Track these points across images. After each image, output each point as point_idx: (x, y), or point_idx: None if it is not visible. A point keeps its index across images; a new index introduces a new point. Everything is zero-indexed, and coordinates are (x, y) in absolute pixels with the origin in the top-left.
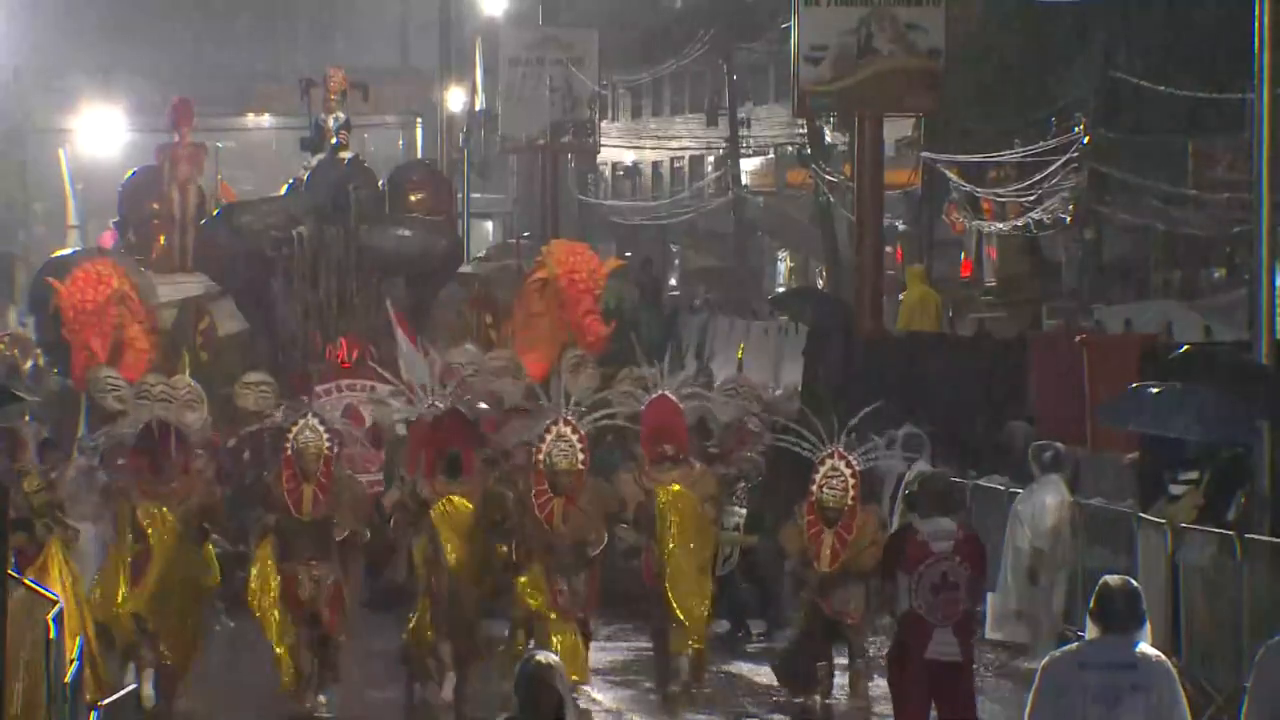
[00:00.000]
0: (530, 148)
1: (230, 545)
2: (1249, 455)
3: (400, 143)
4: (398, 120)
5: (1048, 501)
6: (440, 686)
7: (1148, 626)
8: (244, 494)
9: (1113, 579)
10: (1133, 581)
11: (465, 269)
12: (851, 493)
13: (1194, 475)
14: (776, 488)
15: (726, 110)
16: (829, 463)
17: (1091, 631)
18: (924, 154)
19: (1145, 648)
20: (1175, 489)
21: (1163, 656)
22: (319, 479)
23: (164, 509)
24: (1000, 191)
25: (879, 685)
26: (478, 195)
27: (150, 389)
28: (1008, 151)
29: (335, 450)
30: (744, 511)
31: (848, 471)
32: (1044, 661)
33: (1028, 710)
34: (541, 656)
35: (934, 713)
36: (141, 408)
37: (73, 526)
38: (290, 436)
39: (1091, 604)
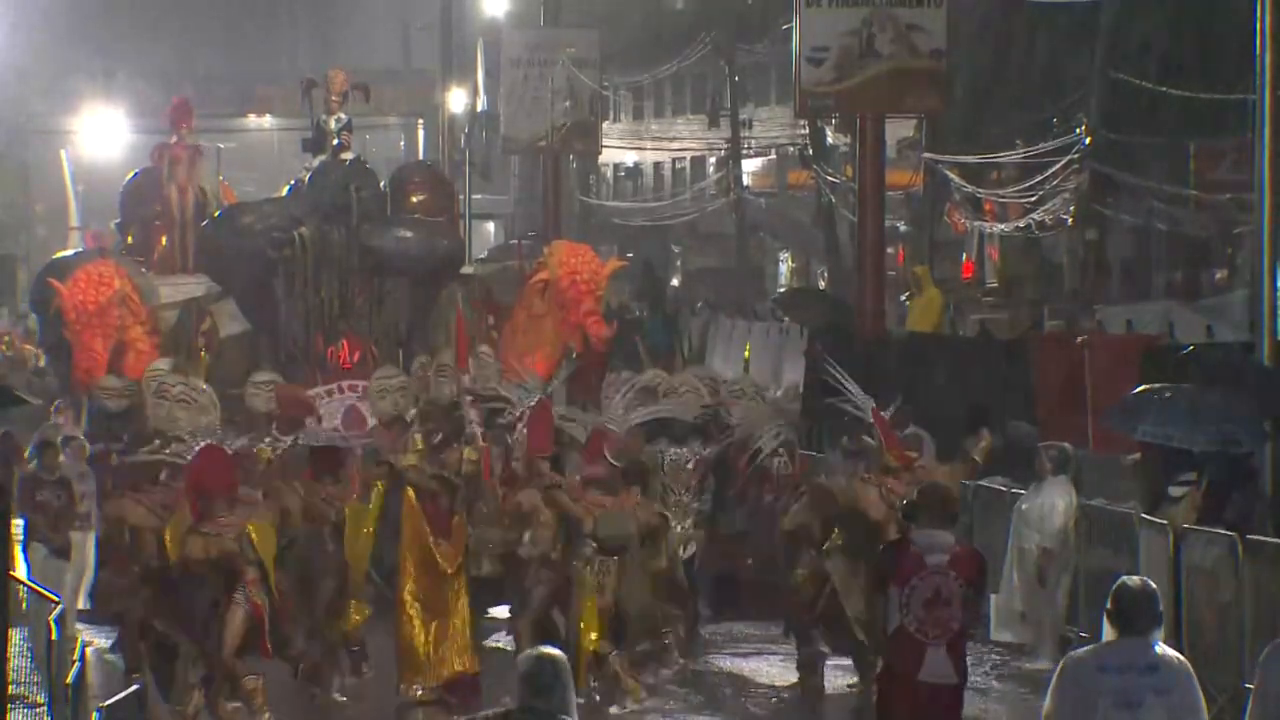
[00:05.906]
0: (532, 149)
1: None
2: (1250, 455)
3: (402, 144)
4: (399, 121)
5: (1057, 503)
6: None
7: (1161, 628)
8: None
9: (1131, 580)
10: (1150, 583)
11: (467, 270)
12: None
13: (1192, 477)
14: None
15: (728, 111)
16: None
17: (1109, 633)
18: (925, 155)
19: (1165, 650)
20: (1175, 490)
21: (1183, 659)
22: None
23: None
24: (1002, 192)
25: None
26: (479, 196)
27: (169, 388)
28: (1009, 152)
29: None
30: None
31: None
32: (1062, 663)
33: (1045, 710)
34: (547, 650)
35: None
36: (160, 406)
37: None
38: None
39: (1109, 605)
